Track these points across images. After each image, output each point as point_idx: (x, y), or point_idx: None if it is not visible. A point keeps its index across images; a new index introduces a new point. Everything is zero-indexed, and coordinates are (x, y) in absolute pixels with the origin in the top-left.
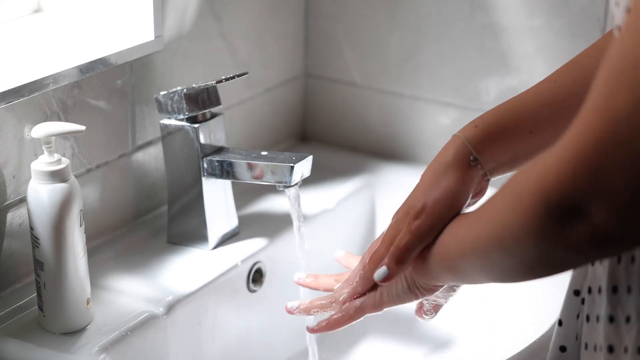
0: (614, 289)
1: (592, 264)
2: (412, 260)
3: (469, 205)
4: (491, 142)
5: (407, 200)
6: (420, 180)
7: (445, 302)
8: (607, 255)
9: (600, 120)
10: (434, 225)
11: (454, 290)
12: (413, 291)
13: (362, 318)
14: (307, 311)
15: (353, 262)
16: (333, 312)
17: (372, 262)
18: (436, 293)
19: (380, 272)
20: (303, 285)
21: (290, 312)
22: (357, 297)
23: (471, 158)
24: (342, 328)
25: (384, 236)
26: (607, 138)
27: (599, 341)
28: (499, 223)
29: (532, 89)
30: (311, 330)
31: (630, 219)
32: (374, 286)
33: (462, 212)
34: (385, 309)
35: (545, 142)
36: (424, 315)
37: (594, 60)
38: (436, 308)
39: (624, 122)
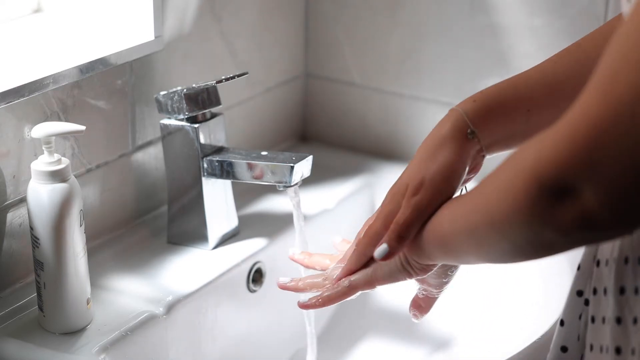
0: (621, 290)
1: (597, 265)
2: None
3: (465, 181)
4: (489, 118)
5: (403, 175)
6: (416, 154)
7: (438, 296)
8: (593, 240)
9: (601, 103)
10: (433, 199)
11: (447, 278)
12: (406, 269)
13: (355, 296)
14: (297, 288)
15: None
16: (325, 290)
17: (367, 237)
18: (429, 280)
19: (381, 249)
20: (296, 262)
21: (282, 287)
22: (351, 274)
23: (468, 131)
24: (336, 305)
25: (379, 211)
26: (607, 121)
27: (606, 342)
28: (492, 200)
29: (533, 68)
30: (302, 305)
31: (620, 206)
32: (367, 264)
33: (459, 186)
34: (378, 287)
35: (542, 121)
36: (417, 313)
37: (596, 45)
38: (428, 302)
39: (625, 106)
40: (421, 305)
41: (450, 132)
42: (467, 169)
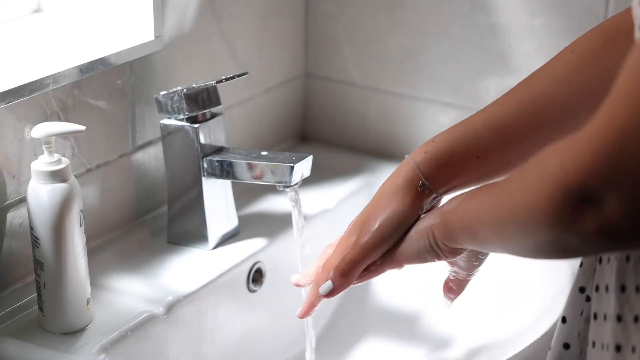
0: (622, 288)
1: (600, 262)
2: (358, 275)
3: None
4: (441, 168)
5: (360, 214)
6: (374, 197)
7: (469, 278)
8: (614, 249)
9: (627, 110)
10: (380, 243)
11: (477, 262)
12: (435, 250)
13: (380, 275)
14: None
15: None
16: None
17: (324, 270)
18: (459, 263)
19: (325, 286)
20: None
21: (298, 284)
22: (309, 309)
23: (419, 184)
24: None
25: (336, 246)
26: (632, 128)
27: (606, 340)
28: (517, 199)
29: (480, 112)
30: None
31: None
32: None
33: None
34: (406, 266)
35: (494, 167)
36: (449, 295)
37: (542, 82)
38: (460, 285)
39: None
40: (453, 287)
41: (403, 182)
42: (419, 214)
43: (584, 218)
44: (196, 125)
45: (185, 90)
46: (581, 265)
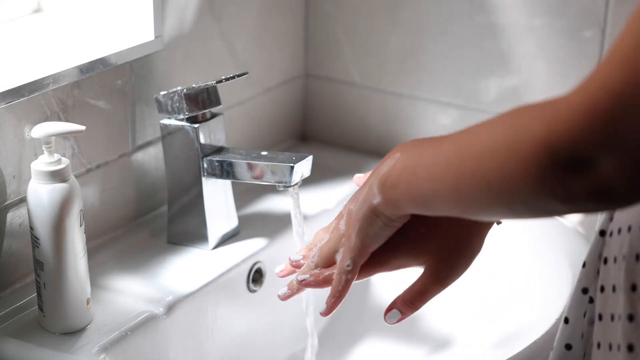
0: (632, 287)
1: (605, 262)
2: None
3: None
4: None
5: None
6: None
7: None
8: (602, 210)
9: (622, 73)
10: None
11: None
12: (389, 225)
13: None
14: (298, 289)
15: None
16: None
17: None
18: None
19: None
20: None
21: (284, 299)
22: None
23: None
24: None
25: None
26: (628, 92)
27: (616, 340)
28: (488, 166)
29: None
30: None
31: (638, 179)
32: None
33: None
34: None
35: None
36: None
37: None
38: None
39: None
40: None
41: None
42: None
43: (575, 182)
44: (196, 125)
45: (185, 90)
46: (584, 266)
